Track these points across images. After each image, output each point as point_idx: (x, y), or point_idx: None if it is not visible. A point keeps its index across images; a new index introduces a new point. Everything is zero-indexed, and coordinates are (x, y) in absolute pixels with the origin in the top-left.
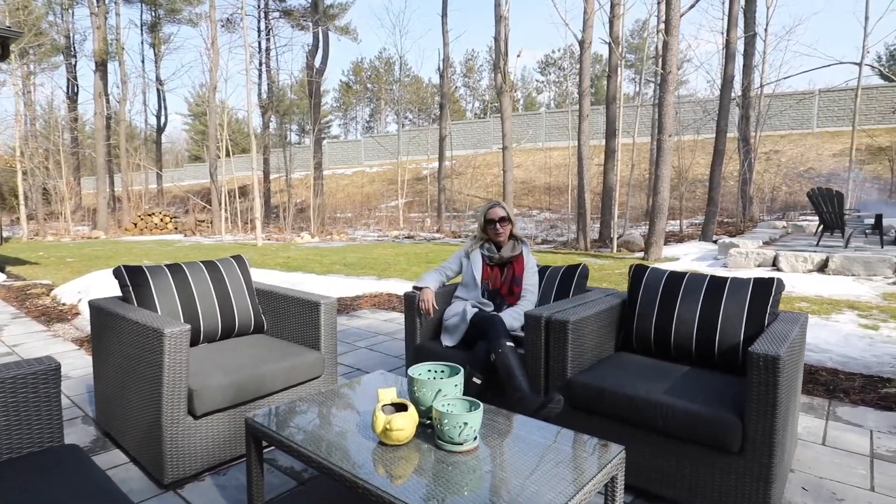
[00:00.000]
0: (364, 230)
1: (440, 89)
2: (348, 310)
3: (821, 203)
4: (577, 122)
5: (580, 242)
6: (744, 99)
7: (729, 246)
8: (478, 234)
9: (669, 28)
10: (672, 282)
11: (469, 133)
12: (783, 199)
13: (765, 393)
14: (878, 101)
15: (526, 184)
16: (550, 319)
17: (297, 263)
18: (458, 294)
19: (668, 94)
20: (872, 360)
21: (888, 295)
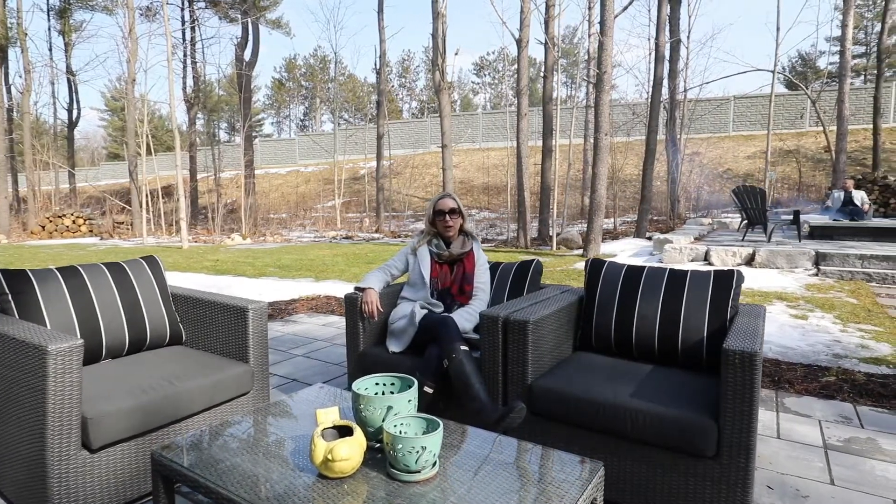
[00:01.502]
0: (300, 231)
1: (377, 86)
2: (283, 315)
3: (745, 199)
4: (516, 121)
5: (520, 240)
6: (671, 102)
7: (663, 242)
8: (426, 227)
9: (604, 29)
10: (631, 276)
11: (407, 133)
12: (706, 198)
13: (741, 392)
14: (786, 107)
15: (465, 183)
16: (509, 320)
17: (226, 266)
18: (404, 294)
19: (603, 94)
20: (808, 350)
21: (810, 286)
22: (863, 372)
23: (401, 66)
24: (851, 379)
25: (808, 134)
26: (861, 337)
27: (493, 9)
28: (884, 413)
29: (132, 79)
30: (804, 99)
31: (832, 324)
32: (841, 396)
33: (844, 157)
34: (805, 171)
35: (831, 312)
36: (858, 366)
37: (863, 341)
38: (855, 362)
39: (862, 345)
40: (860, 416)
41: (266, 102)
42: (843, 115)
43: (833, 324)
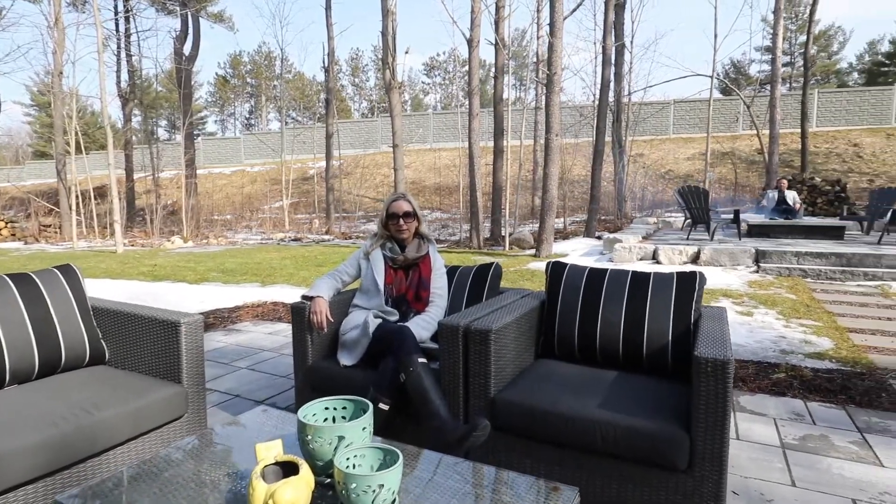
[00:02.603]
0: (246, 233)
1: (326, 85)
2: (226, 323)
3: (690, 200)
4: (468, 121)
5: (473, 241)
6: (617, 105)
7: (613, 241)
8: (379, 231)
9: (554, 30)
10: (594, 280)
11: (357, 132)
12: (651, 197)
13: (714, 402)
14: (721, 112)
15: (416, 184)
16: (470, 329)
17: (165, 272)
18: (356, 302)
19: (554, 95)
20: (757, 347)
21: (752, 283)
22: (809, 367)
23: (350, 65)
24: (800, 375)
25: (742, 137)
26: (804, 332)
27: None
28: (832, 408)
29: (59, 71)
30: (738, 103)
31: (776, 320)
32: (792, 393)
33: (776, 158)
34: (740, 172)
35: (774, 308)
36: (804, 361)
37: (805, 336)
38: (801, 358)
39: (805, 340)
40: (811, 413)
41: (209, 99)
42: (774, 119)
43: (777, 320)
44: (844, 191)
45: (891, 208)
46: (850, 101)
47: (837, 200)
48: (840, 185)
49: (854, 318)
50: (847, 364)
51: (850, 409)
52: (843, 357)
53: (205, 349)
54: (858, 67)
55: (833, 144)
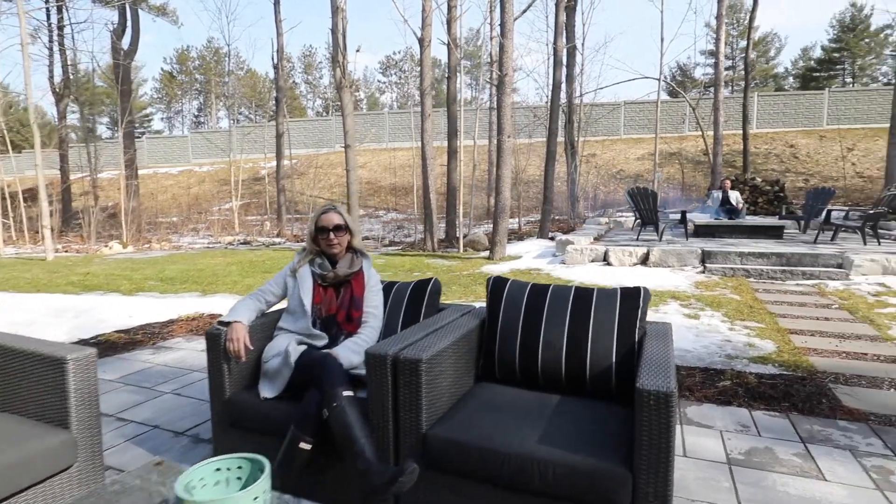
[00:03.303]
0: (192, 236)
1: (275, 83)
2: (155, 340)
3: (639, 201)
4: (420, 121)
5: (427, 243)
6: (569, 106)
7: (566, 243)
8: (307, 245)
9: (504, 31)
10: (536, 296)
11: (311, 131)
12: (602, 197)
13: (657, 437)
14: (669, 113)
15: (372, 184)
16: (399, 359)
17: (98, 281)
18: (282, 325)
19: (505, 96)
20: (703, 352)
21: (699, 283)
22: (753, 373)
23: (303, 62)
24: (745, 382)
25: (688, 138)
26: (747, 334)
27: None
28: (776, 417)
29: None
30: (684, 105)
31: (721, 322)
32: (737, 402)
33: (720, 159)
34: (687, 172)
35: (720, 310)
36: (749, 366)
37: (749, 339)
38: (745, 363)
39: (749, 343)
40: (756, 423)
41: (155, 96)
42: (718, 121)
43: (722, 322)
44: (783, 190)
45: (825, 208)
46: (787, 105)
47: (777, 200)
48: (779, 185)
49: (794, 319)
50: (789, 368)
51: (793, 416)
52: (785, 361)
53: (127, 371)
54: (793, 72)
55: (772, 145)
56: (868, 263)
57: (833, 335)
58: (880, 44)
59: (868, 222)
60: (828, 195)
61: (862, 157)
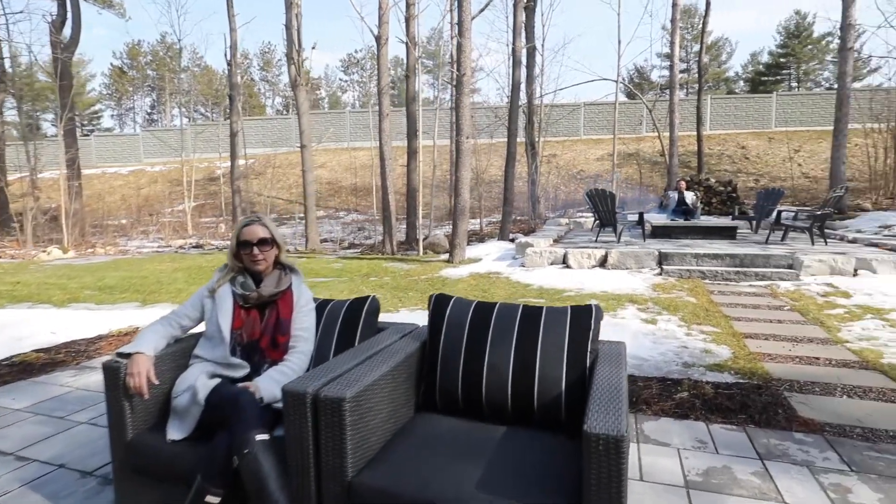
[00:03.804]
0: (141, 240)
1: (229, 79)
2: (80, 359)
3: (598, 202)
4: (378, 121)
5: (387, 246)
6: (529, 106)
7: (525, 245)
8: (229, 262)
9: (462, 30)
10: (481, 315)
11: (269, 130)
12: (563, 197)
13: (607, 483)
14: (627, 115)
15: (332, 184)
16: (319, 398)
17: (28, 291)
18: (198, 352)
19: (463, 96)
20: (660, 360)
21: (656, 286)
22: (710, 383)
23: (262, 59)
24: (702, 393)
25: (645, 139)
26: (704, 340)
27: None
28: (733, 430)
29: None
30: (641, 107)
31: (678, 327)
32: (694, 415)
33: (676, 160)
34: (644, 173)
35: (676, 314)
36: (706, 375)
37: (706, 345)
38: (702, 371)
39: (705, 349)
40: (714, 438)
41: (105, 92)
42: (673, 122)
43: (679, 327)
44: (735, 191)
45: (775, 208)
46: (738, 107)
47: (729, 200)
48: (731, 185)
49: (748, 323)
50: (745, 376)
51: (750, 430)
52: (741, 368)
53: (41, 398)
54: (744, 76)
55: (724, 146)
56: (816, 264)
57: (786, 338)
58: (822, 50)
59: (816, 223)
60: (777, 196)
61: (807, 159)
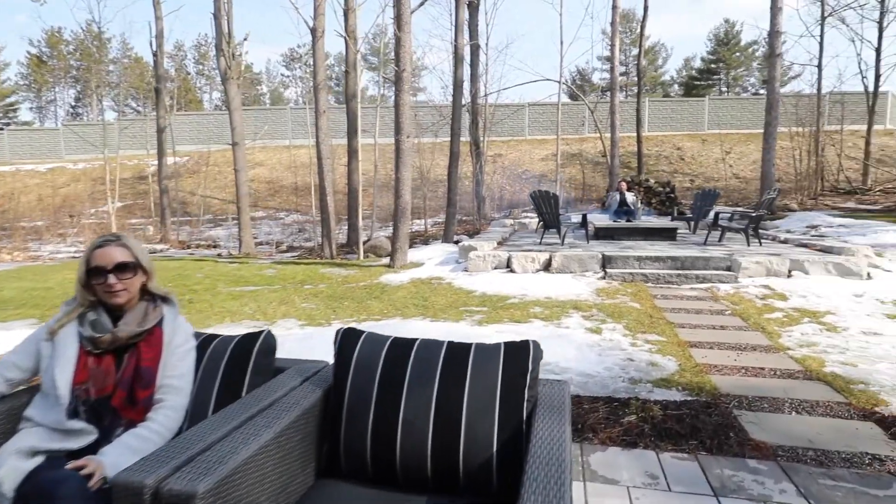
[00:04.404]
0: (58, 244)
1: (155, 71)
2: None
3: (541, 204)
4: (315, 117)
5: (325, 250)
6: (473, 105)
7: (468, 249)
8: (77, 294)
9: (401, 24)
10: (396, 355)
11: (205, 126)
12: (508, 197)
13: None
14: (570, 115)
15: (273, 184)
16: (162, 494)
17: None
18: (29, 413)
19: (402, 93)
20: (606, 375)
21: (600, 290)
22: (659, 403)
23: (198, 52)
24: (650, 416)
25: (588, 139)
26: (649, 350)
27: None
28: (685, 460)
29: None
30: (584, 108)
31: (623, 336)
32: (644, 443)
33: (617, 161)
34: (587, 173)
35: (621, 322)
36: (653, 392)
37: (651, 356)
38: (649, 388)
39: (651, 362)
40: (665, 472)
41: (21, 83)
42: (614, 124)
43: (624, 336)
44: (674, 192)
45: (711, 209)
46: (674, 110)
47: (668, 200)
48: (670, 186)
49: (692, 329)
50: (693, 392)
51: (702, 458)
52: (689, 382)
53: None
54: (678, 80)
55: (661, 147)
56: (753, 266)
57: (730, 347)
58: (749, 57)
59: (751, 224)
60: (713, 197)
61: (738, 160)
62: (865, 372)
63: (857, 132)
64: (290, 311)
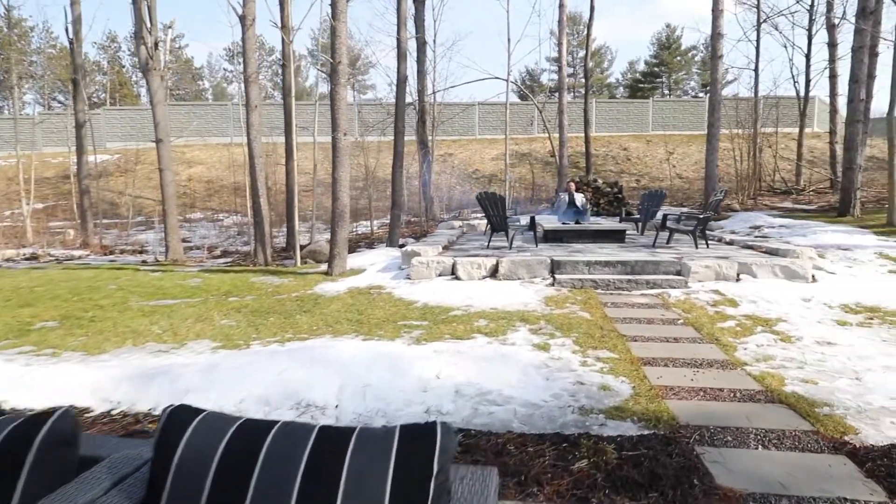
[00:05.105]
0: None
1: (72, 60)
2: None
3: (488, 207)
4: (246, 113)
5: (259, 255)
6: (420, 103)
7: (411, 255)
8: None
9: (336, 12)
10: (240, 450)
11: (138, 122)
12: (458, 197)
13: None
14: (520, 115)
15: (212, 183)
16: None
17: None
18: None
19: (339, 87)
20: (554, 405)
21: (549, 299)
22: (613, 441)
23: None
24: (604, 461)
25: (537, 139)
26: (601, 370)
27: None
28: None
29: None
30: (533, 108)
31: (573, 353)
32: (597, 496)
33: (566, 161)
34: (537, 173)
35: (570, 335)
36: (606, 426)
37: (603, 378)
38: (602, 419)
39: (603, 385)
40: None
41: None
42: (562, 124)
43: (574, 353)
44: (622, 192)
45: (658, 210)
46: (619, 111)
47: (616, 201)
48: (617, 186)
49: (645, 343)
50: (649, 423)
51: None
52: (644, 411)
53: None
54: (623, 83)
55: (608, 148)
56: (703, 270)
57: (686, 363)
58: (689, 62)
59: (699, 226)
60: (660, 197)
61: (680, 160)
62: (827, 391)
63: (789, 135)
64: (205, 330)
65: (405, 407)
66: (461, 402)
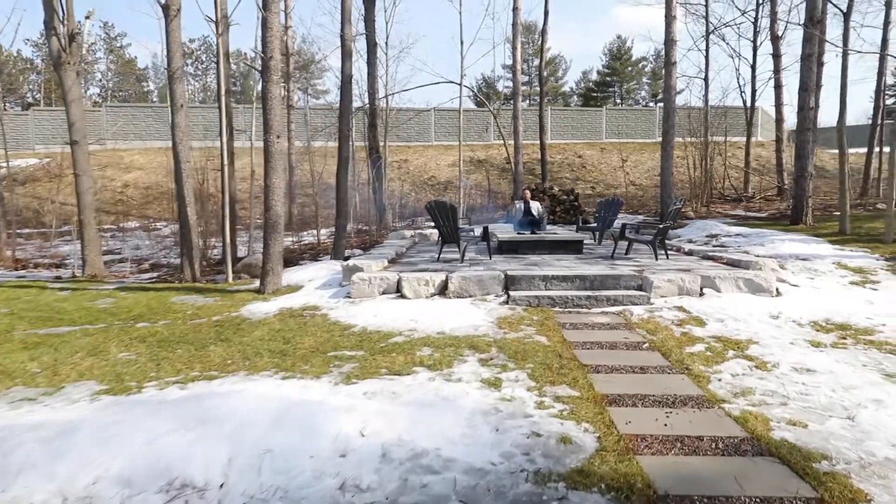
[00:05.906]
0: None
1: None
2: None
3: (438, 217)
4: (171, 113)
5: (186, 271)
6: (371, 107)
7: (353, 270)
8: None
9: (267, 2)
10: None
11: None
12: (413, 205)
13: None
14: (475, 122)
15: (151, 189)
16: None
17: None
18: None
19: (271, 85)
20: (504, 470)
21: (502, 320)
22: None
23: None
24: None
25: (493, 146)
26: (560, 415)
27: None
28: None
29: None
30: (489, 115)
31: (528, 391)
32: None
33: (521, 167)
34: (494, 180)
35: (525, 367)
36: (568, 500)
37: (563, 427)
38: (562, 491)
39: (563, 436)
40: None
41: None
42: (517, 129)
43: (529, 391)
44: (578, 199)
45: (615, 218)
46: (574, 119)
47: (572, 209)
48: (574, 194)
49: (609, 375)
50: (621, 493)
51: None
52: (613, 473)
53: None
54: (577, 91)
55: (564, 155)
56: (665, 284)
57: (657, 401)
58: (639, 72)
59: (658, 236)
60: (617, 206)
61: (634, 168)
62: (820, 437)
63: (736, 143)
64: (93, 368)
65: (314, 481)
66: (387, 471)
